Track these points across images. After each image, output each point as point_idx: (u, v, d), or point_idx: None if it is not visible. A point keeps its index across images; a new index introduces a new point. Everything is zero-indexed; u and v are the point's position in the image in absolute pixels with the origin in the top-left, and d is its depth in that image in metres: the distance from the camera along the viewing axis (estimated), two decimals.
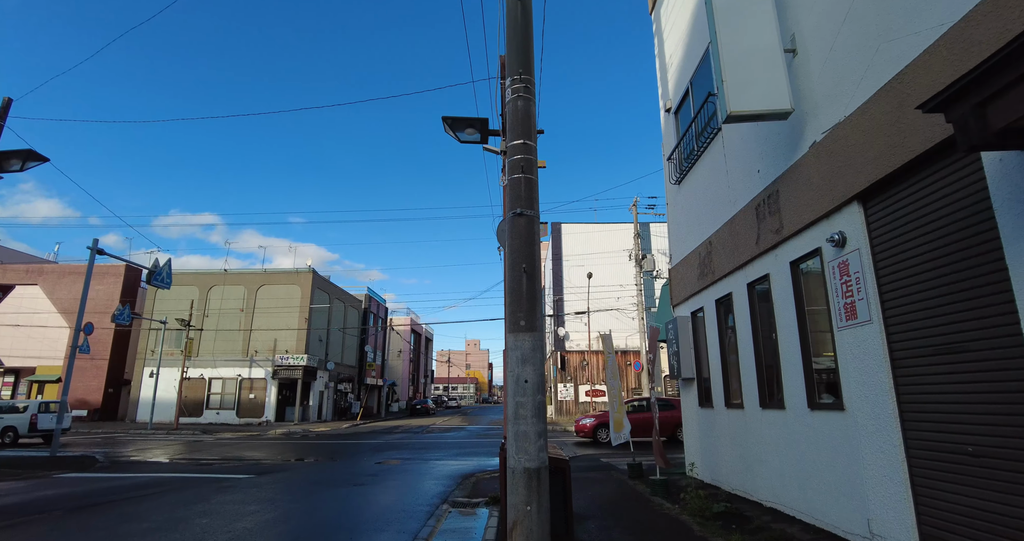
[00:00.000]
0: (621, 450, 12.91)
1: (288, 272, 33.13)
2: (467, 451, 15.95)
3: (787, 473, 5.55)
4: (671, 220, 9.20)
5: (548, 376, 32.30)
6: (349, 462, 13.50)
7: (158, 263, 17.65)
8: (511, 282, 4.61)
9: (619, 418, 8.80)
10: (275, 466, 12.50)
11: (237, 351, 31.83)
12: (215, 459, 14.21)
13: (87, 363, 32.63)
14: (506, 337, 4.51)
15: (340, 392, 37.83)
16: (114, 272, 34.18)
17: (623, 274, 31.20)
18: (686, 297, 8.48)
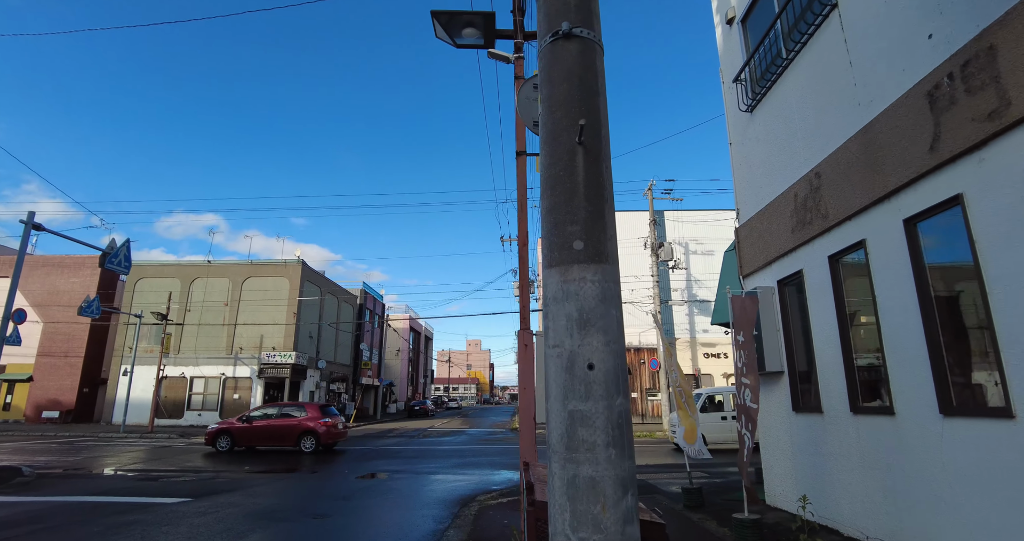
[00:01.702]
0: None
1: (276, 263, 30.88)
2: (467, 461, 13.66)
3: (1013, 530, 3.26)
4: (739, 163, 6.93)
5: None
6: (323, 476, 11.22)
7: (115, 244, 15.39)
8: (552, 166, 2.21)
9: (692, 425, 6.54)
10: (229, 483, 10.21)
11: (221, 348, 29.59)
12: (168, 471, 11.94)
13: (60, 361, 30.44)
14: (544, 282, 2.10)
15: (333, 392, 35.56)
16: (91, 263, 31.93)
17: (636, 265, 28.86)
18: (768, 261, 6.20)
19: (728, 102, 7.06)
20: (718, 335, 28.33)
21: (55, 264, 32.01)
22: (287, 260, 30.83)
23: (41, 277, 31.70)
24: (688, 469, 7.64)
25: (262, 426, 16.32)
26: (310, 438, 16.10)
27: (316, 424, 16.12)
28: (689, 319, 28.64)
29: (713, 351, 28.26)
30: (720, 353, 28.20)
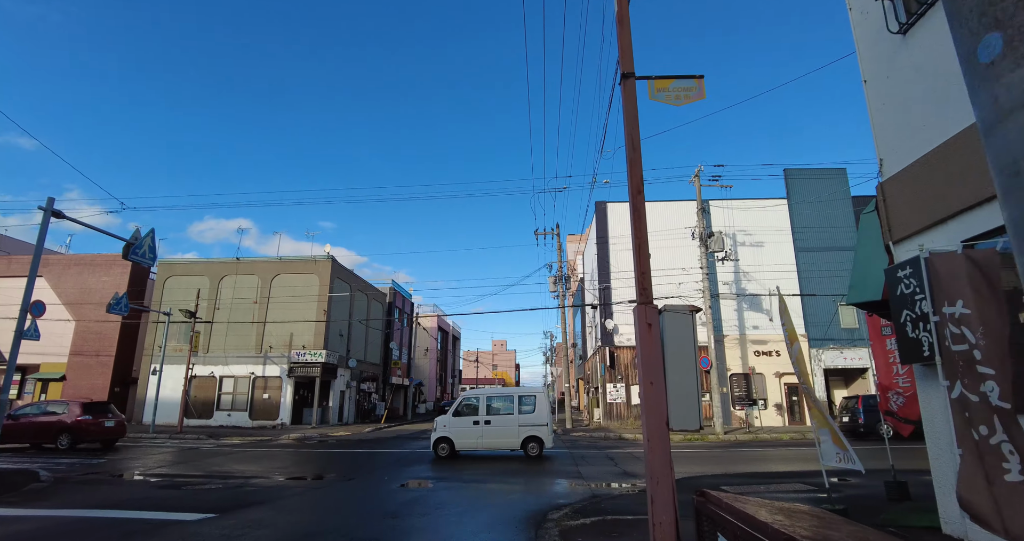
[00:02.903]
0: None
1: (305, 260, 30.14)
2: (514, 467, 12.38)
3: None
4: (882, 102, 5.52)
5: (596, 373, 28.58)
6: (364, 483, 10.07)
7: (139, 234, 14.56)
8: None
9: (835, 431, 5.17)
10: (261, 492, 9.13)
11: (250, 346, 28.95)
12: (193, 477, 10.95)
13: (91, 360, 30.21)
14: None
15: (363, 392, 34.74)
16: (121, 262, 31.65)
17: (682, 257, 27.25)
18: (943, 218, 4.76)
19: (862, 27, 5.65)
20: (768, 332, 26.55)
21: (87, 263, 31.87)
22: (317, 257, 30.07)
23: (73, 276, 31.58)
24: (827, 482, 6.22)
25: (24, 424, 16.52)
26: (66, 436, 16.37)
27: (74, 421, 16.41)
28: (738, 315, 26.89)
29: (764, 349, 26.47)
30: (772, 351, 26.39)
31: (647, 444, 3.48)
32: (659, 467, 3.44)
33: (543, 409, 14.20)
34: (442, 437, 14.43)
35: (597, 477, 10.59)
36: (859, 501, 7.18)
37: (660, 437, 3.42)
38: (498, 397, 15.02)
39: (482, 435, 14.16)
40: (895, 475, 6.52)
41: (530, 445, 13.94)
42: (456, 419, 14.56)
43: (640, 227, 4.16)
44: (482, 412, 14.41)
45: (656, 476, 3.43)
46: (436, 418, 15.44)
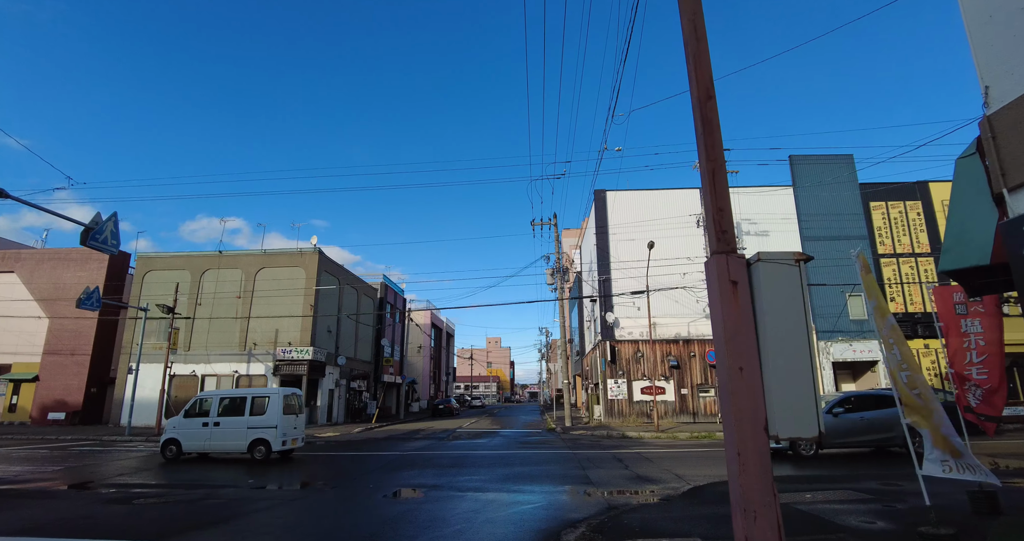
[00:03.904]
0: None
1: (291, 253, 28.79)
2: (517, 472, 11.19)
3: None
4: (987, 16, 4.37)
5: (596, 369, 27.45)
6: (346, 493, 8.85)
7: (100, 218, 13.22)
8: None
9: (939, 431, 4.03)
10: (225, 506, 7.90)
11: (233, 344, 27.60)
12: (153, 487, 9.70)
13: (66, 359, 28.74)
14: None
15: (353, 391, 33.45)
16: (98, 257, 30.20)
17: (686, 246, 26.17)
18: None
19: None
20: None
21: (61, 258, 30.36)
22: (303, 249, 28.72)
23: (47, 271, 30.07)
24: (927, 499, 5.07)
25: None
26: None
27: None
28: None
29: None
30: None
31: (735, 460, 2.33)
32: (756, 495, 2.29)
33: (274, 411, 13.72)
34: (170, 439, 13.98)
35: (608, 483, 9.43)
36: (920, 514, 6.05)
37: (756, 451, 2.27)
38: (232, 397, 14.43)
39: (210, 437, 13.76)
40: (980, 484, 5.40)
41: (257, 448, 13.48)
42: (187, 420, 14.08)
43: (713, 144, 2.96)
44: (213, 413, 13.93)
45: (751, 508, 2.27)
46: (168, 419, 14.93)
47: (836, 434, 11.99)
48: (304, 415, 15.26)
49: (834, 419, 12.19)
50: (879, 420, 12.04)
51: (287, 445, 13.83)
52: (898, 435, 11.73)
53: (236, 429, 13.64)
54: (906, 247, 26.49)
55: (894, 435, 11.80)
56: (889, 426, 11.84)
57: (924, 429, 4.64)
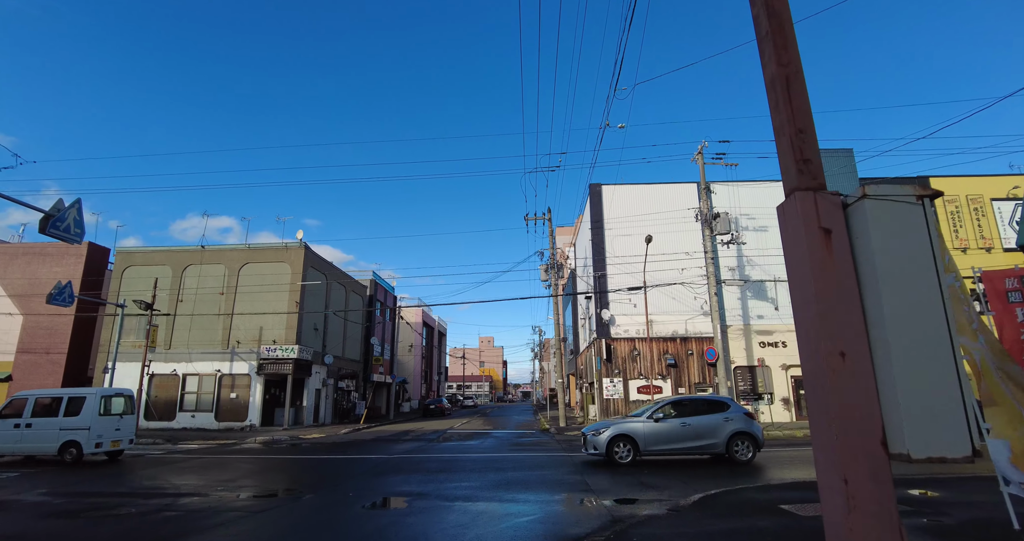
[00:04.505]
0: None
1: (276, 248, 27.83)
2: (510, 477, 10.41)
3: None
4: None
5: (591, 368, 26.72)
6: (323, 503, 8.03)
7: (62, 205, 12.30)
8: None
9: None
10: (181, 521, 7.07)
11: (216, 342, 26.61)
12: (110, 496, 8.83)
13: (41, 358, 27.65)
14: None
15: (341, 390, 32.53)
16: (75, 252, 29.13)
17: (684, 241, 25.48)
18: None
19: None
20: (774, 322, 24.90)
21: (36, 252, 29.24)
22: (288, 243, 27.76)
23: (21, 266, 28.94)
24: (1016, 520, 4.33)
25: None
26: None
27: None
28: (742, 303, 25.19)
29: (770, 339, 24.80)
30: (778, 342, 24.74)
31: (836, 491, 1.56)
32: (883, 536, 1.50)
33: (89, 412, 13.44)
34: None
35: (609, 490, 8.68)
36: (980, 532, 5.33)
37: (870, 476, 1.50)
38: (48, 398, 14.03)
39: (21, 439, 13.40)
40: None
41: (68, 450, 13.18)
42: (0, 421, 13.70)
43: (784, 43, 2.15)
44: (27, 414, 13.56)
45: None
46: None
47: (657, 440, 11.59)
48: (134, 416, 15.00)
49: (655, 424, 11.72)
50: (703, 426, 11.67)
51: (103, 447, 13.46)
52: (721, 442, 11.49)
53: (48, 431, 13.33)
54: None
55: (717, 442, 11.51)
56: (712, 432, 11.56)
57: (1002, 440, 3.90)
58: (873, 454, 1.58)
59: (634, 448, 11.51)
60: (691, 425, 11.67)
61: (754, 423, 11.79)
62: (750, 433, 11.52)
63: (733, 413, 11.79)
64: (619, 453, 11.47)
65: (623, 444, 11.50)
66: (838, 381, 1.66)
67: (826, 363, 1.69)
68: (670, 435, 11.60)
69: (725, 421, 11.63)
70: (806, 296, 1.83)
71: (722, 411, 11.84)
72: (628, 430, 11.61)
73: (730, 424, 11.59)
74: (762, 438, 11.71)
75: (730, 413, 11.77)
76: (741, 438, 11.51)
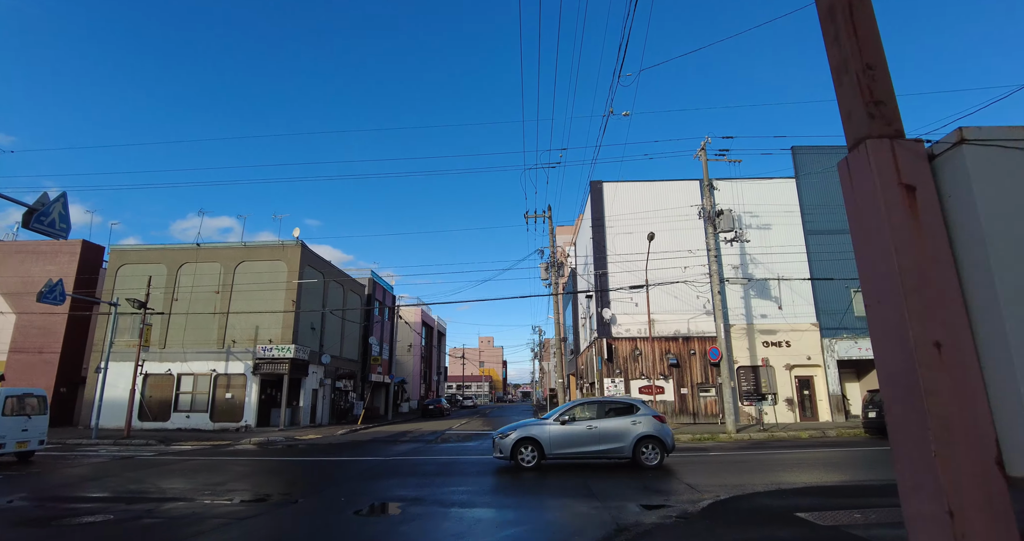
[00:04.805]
0: None
1: (272, 246, 27.45)
2: (504, 481, 10.03)
3: None
4: None
5: (592, 368, 26.33)
6: (312, 508, 7.65)
7: (47, 199, 11.92)
8: None
9: None
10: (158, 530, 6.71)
11: (211, 341, 26.23)
12: (90, 501, 8.45)
13: (34, 358, 27.27)
14: None
15: (339, 391, 32.15)
16: (68, 250, 28.77)
17: (687, 239, 25.12)
18: None
19: None
20: (778, 321, 24.54)
21: (30, 251, 28.86)
22: (285, 241, 27.38)
23: (14, 265, 28.56)
24: None
25: None
26: None
27: None
28: (745, 302, 24.81)
29: (773, 339, 24.43)
30: (782, 341, 24.37)
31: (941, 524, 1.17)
32: None
33: None
34: None
35: (613, 495, 8.30)
36: None
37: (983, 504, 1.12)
38: None
39: None
40: None
41: None
42: None
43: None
44: None
45: None
46: None
47: (562, 443, 11.34)
48: (46, 416, 14.71)
49: (561, 427, 11.46)
50: (610, 430, 11.35)
51: (7, 448, 13.18)
52: (627, 446, 11.17)
53: None
54: None
55: (623, 446, 11.20)
56: (619, 436, 11.22)
57: None
58: (986, 477, 1.20)
59: (539, 451, 11.29)
60: (597, 428, 11.37)
61: (664, 427, 11.44)
62: (658, 437, 11.18)
63: (642, 416, 11.46)
64: (523, 456, 11.29)
65: (528, 447, 11.32)
66: (934, 380, 1.28)
67: (916, 356, 1.32)
68: (576, 439, 11.33)
69: (633, 424, 11.33)
70: (883, 271, 1.46)
71: (631, 414, 11.52)
72: (533, 433, 11.43)
73: (637, 428, 11.27)
74: (671, 443, 11.35)
75: (639, 416, 11.46)
76: (648, 442, 11.20)
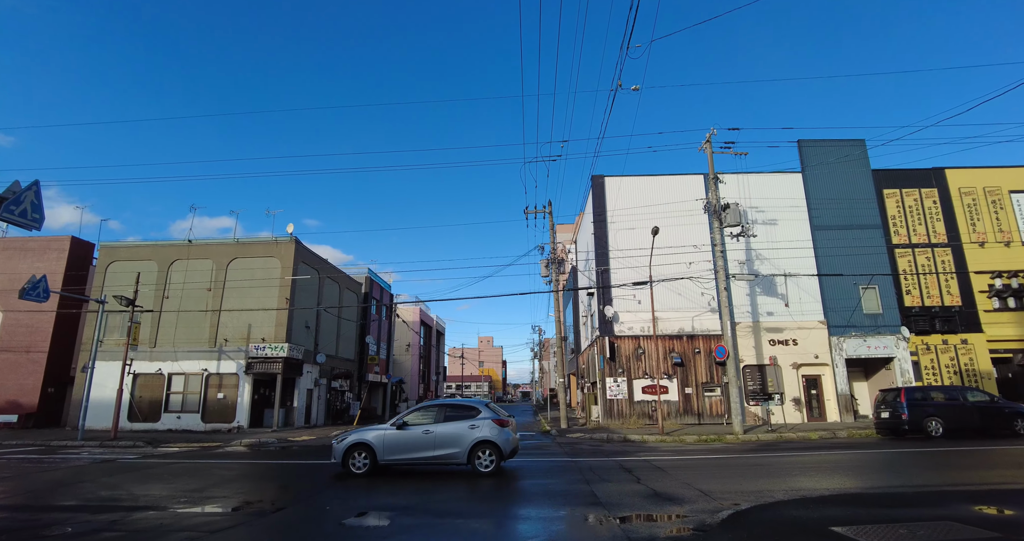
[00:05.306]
0: None
1: (265, 242, 26.78)
2: (504, 486, 9.36)
3: None
4: None
5: (594, 367, 25.68)
6: (295, 520, 7.01)
7: (18, 187, 11.22)
8: None
9: None
10: None
11: (203, 340, 25.57)
12: (60, 509, 7.80)
13: (21, 357, 26.59)
14: None
15: (335, 391, 31.49)
16: (57, 246, 28.10)
17: (692, 234, 24.50)
18: None
19: None
20: (785, 318, 23.91)
21: (17, 247, 28.18)
22: (278, 238, 26.71)
23: (2, 261, 27.90)
24: None
25: None
26: None
27: None
28: (751, 299, 24.17)
29: (780, 337, 23.79)
30: (789, 340, 23.74)
31: None
32: None
33: None
34: None
35: (621, 503, 7.65)
36: None
37: None
38: None
39: None
40: None
41: None
42: None
43: None
44: None
45: None
46: None
47: (396, 449, 10.79)
48: None
49: (396, 432, 10.91)
50: (446, 434, 10.77)
51: None
52: (463, 451, 10.59)
53: None
54: (922, 237, 24.96)
55: (459, 451, 10.62)
56: (455, 441, 10.65)
57: None
58: None
59: (372, 457, 10.78)
60: (433, 433, 10.79)
61: (503, 431, 10.81)
62: (494, 442, 10.60)
63: (482, 420, 10.87)
64: (355, 462, 10.79)
65: (360, 453, 10.82)
66: None
67: None
68: (411, 444, 10.77)
69: (470, 429, 10.74)
70: None
71: (471, 418, 10.95)
72: (366, 438, 10.93)
73: (475, 432, 10.69)
74: (508, 448, 10.73)
75: (478, 420, 10.87)
76: (485, 447, 10.60)
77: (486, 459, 10.55)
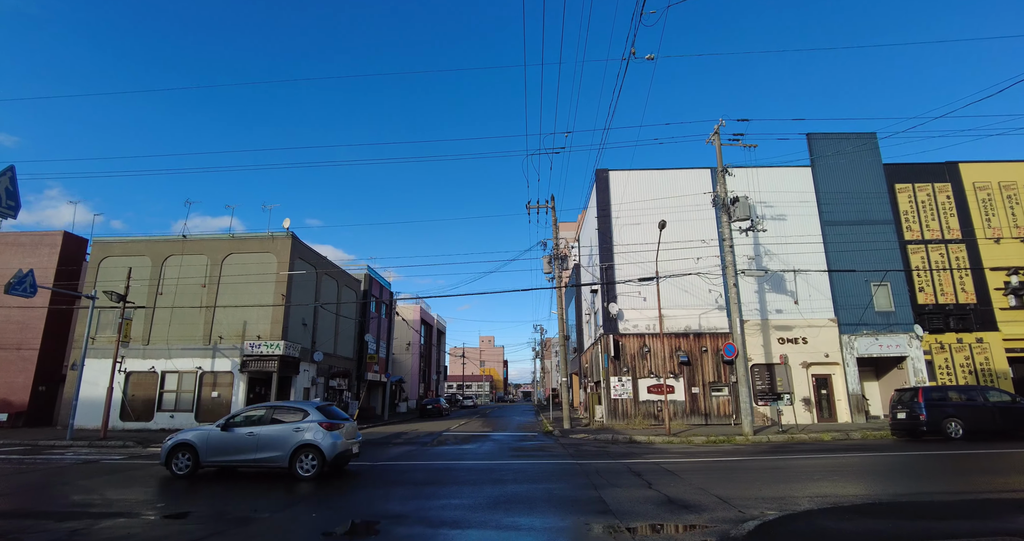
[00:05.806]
0: None
1: (261, 237, 26.15)
2: (510, 492, 8.73)
3: None
4: None
5: (598, 366, 25.01)
6: (278, 529, 6.39)
7: None
8: None
9: None
10: None
11: (197, 337, 24.96)
12: (24, 515, 7.18)
13: (11, 354, 26.01)
14: None
15: (333, 390, 30.87)
16: (49, 241, 27.52)
17: (699, 229, 23.84)
18: None
19: None
20: (794, 316, 23.22)
21: (9, 242, 27.60)
22: (274, 233, 26.08)
23: None
24: None
25: None
26: None
27: None
28: (759, 296, 23.48)
29: (789, 335, 23.11)
30: (798, 338, 23.05)
31: None
32: None
33: None
34: None
35: (633, 511, 7.01)
36: None
37: None
38: None
39: None
40: None
41: None
42: None
43: None
44: None
45: None
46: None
47: (219, 451, 10.45)
48: None
49: (221, 433, 10.52)
50: (270, 437, 10.33)
51: None
52: (285, 455, 10.14)
53: None
54: (935, 233, 24.26)
55: (281, 454, 10.17)
56: (278, 444, 10.22)
57: None
58: None
59: (194, 458, 10.42)
60: (257, 435, 10.38)
61: (330, 435, 10.31)
62: (317, 446, 10.12)
63: (308, 422, 10.41)
64: (177, 463, 10.49)
65: (184, 454, 10.49)
66: None
67: None
68: (235, 445, 10.38)
69: (295, 432, 10.30)
70: None
71: (297, 420, 10.50)
72: (189, 438, 10.59)
73: (299, 435, 10.25)
74: (332, 452, 10.20)
75: (303, 423, 10.41)
76: (308, 451, 10.15)
77: (307, 463, 10.14)
